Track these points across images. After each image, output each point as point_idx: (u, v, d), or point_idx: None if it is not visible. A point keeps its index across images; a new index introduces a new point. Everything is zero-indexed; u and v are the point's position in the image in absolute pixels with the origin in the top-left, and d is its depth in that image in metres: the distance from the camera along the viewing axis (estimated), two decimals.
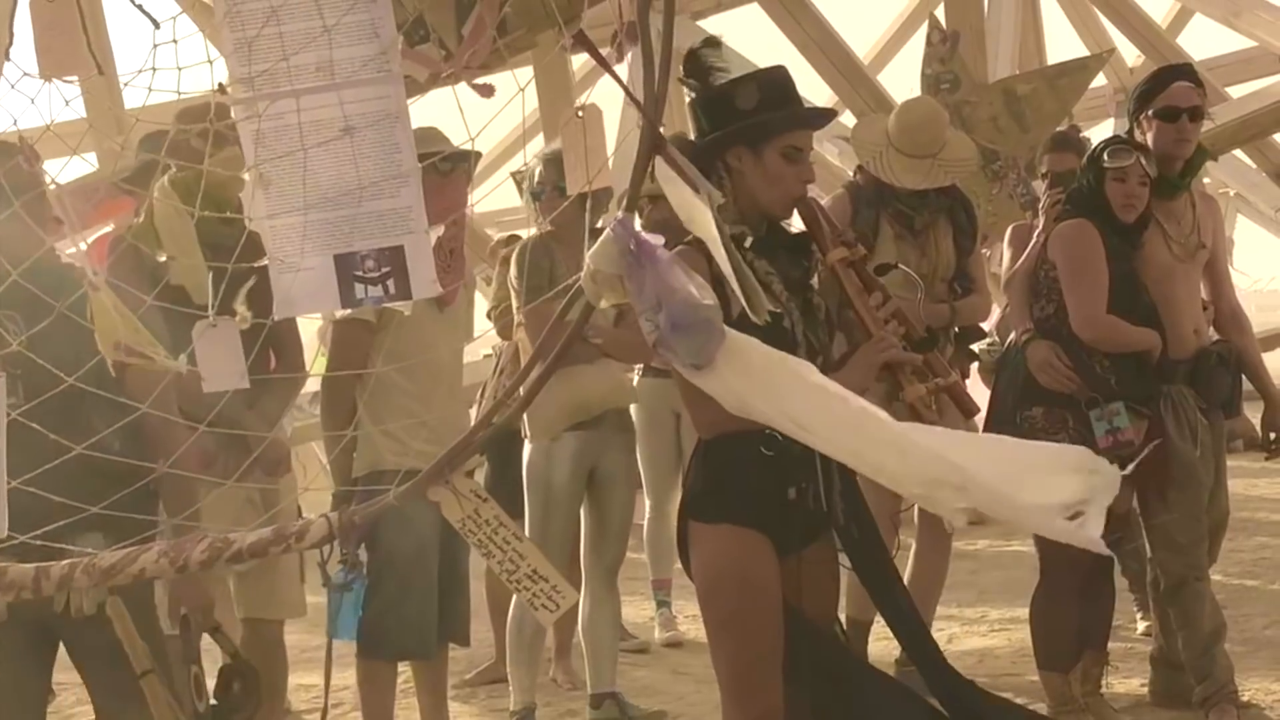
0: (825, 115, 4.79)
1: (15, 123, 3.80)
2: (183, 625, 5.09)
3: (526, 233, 7.44)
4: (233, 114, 3.78)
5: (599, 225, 5.61)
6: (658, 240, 3.71)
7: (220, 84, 3.70)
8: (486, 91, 4.12)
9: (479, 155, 5.93)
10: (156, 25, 3.63)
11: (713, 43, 4.54)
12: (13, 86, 3.68)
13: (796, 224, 4.72)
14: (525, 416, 6.83)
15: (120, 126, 6.95)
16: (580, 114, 3.97)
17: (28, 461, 3.92)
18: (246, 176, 3.84)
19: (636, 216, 3.91)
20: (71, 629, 4.91)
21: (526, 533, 6.93)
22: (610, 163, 4.11)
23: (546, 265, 6.65)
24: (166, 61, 3.64)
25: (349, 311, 5.93)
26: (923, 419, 4.39)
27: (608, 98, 4.44)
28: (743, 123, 4.43)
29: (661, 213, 5.81)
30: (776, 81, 4.53)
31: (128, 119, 6.74)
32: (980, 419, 6.83)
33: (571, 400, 6.82)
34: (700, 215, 3.85)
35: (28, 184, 4.35)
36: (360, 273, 3.74)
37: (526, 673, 7.17)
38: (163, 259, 5.69)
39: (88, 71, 3.68)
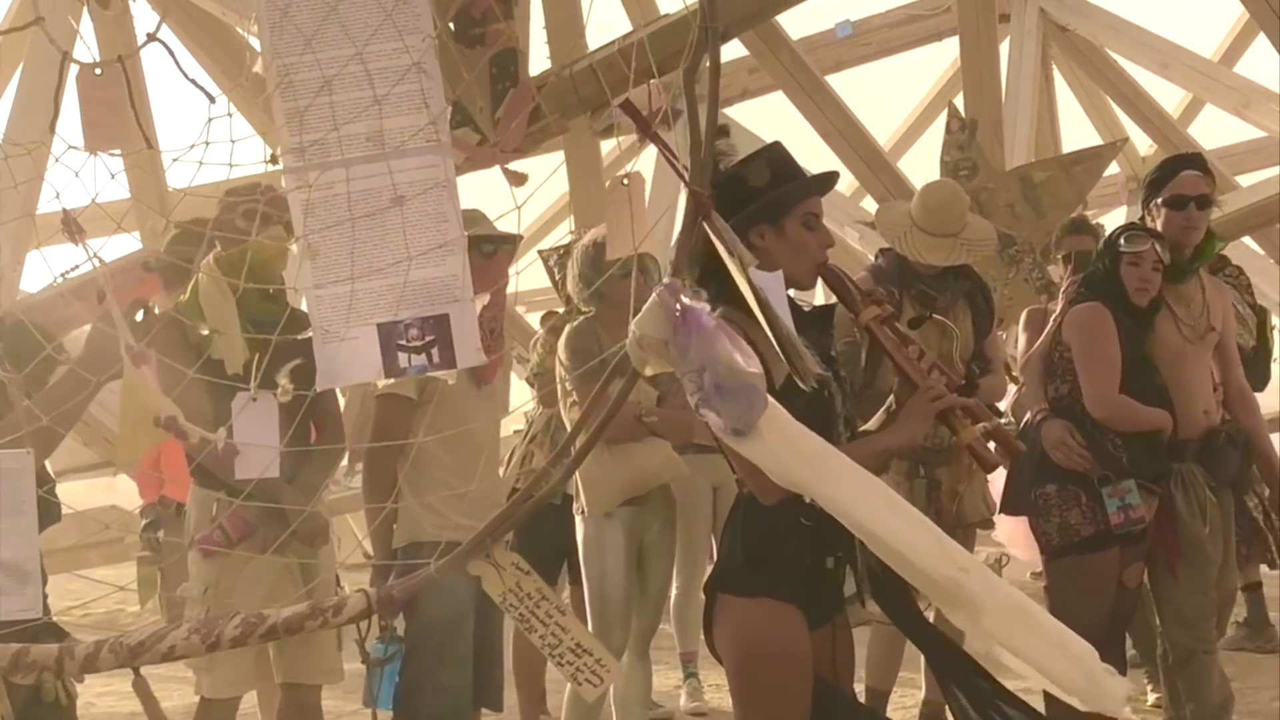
0: (832, 178, 4.72)
1: (58, 196, 3.79)
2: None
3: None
4: (283, 183, 3.78)
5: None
6: (703, 306, 3.71)
7: (272, 154, 3.72)
8: (518, 180, 4.22)
9: (521, 238, 6.01)
10: (212, 100, 3.66)
11: (719, 131, 4.45)
12: (58, 159, 3.73)
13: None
14: (583, 494, 6.96)
15: (164, 205, 7.12)
16: (625, 181, 4.01)
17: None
18: (294, 248, 3.83)
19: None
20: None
21: (587, 610, 7.08)
22: (651, 233, 4.08)
23: (596, 350, 6.69)
24: (214, 138, 3.66)
25: (391, 385, 6.18)
26: (984, 459, 4.38)
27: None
28: (761, 200, 4.40)
29: None
30: (782, 156, 4.53)
31: (171, 197, 6.93)
32: (997, 494, 7.03)
33: (629, 477, 6.88)
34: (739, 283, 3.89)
35: None
36: (404, 341, 3.71)
37: None
38: (205, 332, 5.78)
39: (135, 146, 3.71)
